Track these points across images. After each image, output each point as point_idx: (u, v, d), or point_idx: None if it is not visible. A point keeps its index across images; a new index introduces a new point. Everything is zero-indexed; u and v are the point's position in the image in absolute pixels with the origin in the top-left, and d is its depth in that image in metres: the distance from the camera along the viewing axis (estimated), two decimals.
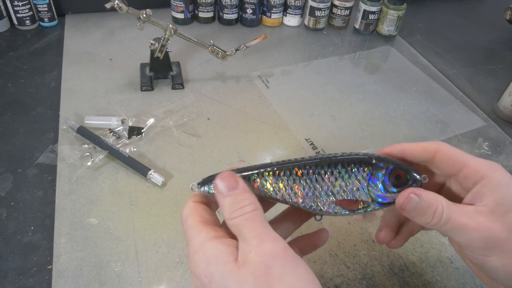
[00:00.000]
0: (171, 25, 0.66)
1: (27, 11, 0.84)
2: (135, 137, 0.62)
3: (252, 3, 0.90)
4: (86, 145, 0.60)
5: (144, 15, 0.63)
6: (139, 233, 0.50)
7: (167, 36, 0.67)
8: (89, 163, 0.57)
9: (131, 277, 0.46)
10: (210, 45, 0.70)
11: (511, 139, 0.70)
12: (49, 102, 0.69)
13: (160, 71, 0.73)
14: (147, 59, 0.72)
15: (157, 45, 0.68)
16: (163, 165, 0.59)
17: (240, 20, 0.95)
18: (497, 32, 1.04)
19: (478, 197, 0.32)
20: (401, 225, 0.40)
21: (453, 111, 0.75)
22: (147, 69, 0.74)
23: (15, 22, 0.85)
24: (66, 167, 0.57)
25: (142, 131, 0.63)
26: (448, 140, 0.68)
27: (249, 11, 0.91)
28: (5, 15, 0.85)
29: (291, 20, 0.95)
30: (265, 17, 0.94)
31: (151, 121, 0.64)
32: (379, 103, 0.75)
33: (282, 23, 0.97)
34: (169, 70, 0.74)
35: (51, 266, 0.46)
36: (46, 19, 0.87)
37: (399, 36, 0.97)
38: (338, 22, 0.96)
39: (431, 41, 0.97)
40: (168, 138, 0.63)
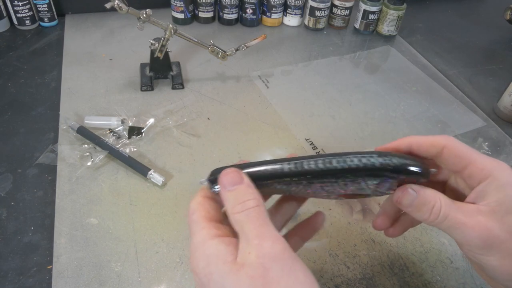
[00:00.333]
0: (171, 25, 0.66)
1: (27, 11, 0.84)
2: (135, 137, 0.62)
3: (252, 3, 0.90)
4: (86, 145, 0.60)
5: (144, 15, 0.63)
6: (139, 233, 0.50)
7: (167, 36, 0.67)
8: (89, 163, 0.57)
9: (131, 277, 0.46)
10: (210, 45, 0.70)
11: (511, 139, 0.70)
12: (49, 102, 0.69)
13: (160, 71, 0.73)
14: (147, 59, 0.72)
15: (157, 45, 0.68)
16: (163, 165, 0.59)
17: (240, 20, 0.95)
18: (497, 32, 1.04)
19: (481, 195, 0.32)
20: (401, 214, 0.40)
21: (453, 111, 0.75)
22: (147, 69, 0.74)
23: (15, 22, 0.85)
24: (66, 167, 0.57)
25: (142, 131, 0.63)
26: None
27: (249, 11, 0.91)
28: (5, 15, 0.85)
29: (291, 20, 0.95)
30: (265, 17, 0.94)
31: (151, 121, 0.64)
32: (379, 103, 0.75)
33: (282, 23, 0.97)
34: (169, 70, 0.74)
35: (51, 266, 0.46)
36: (46, 19, 0.87)
37: (399, 36, 0.97)
38: (338, 22, 0.96)
39: (431, 41, 0.97)
40: (168, 138, 0.63)
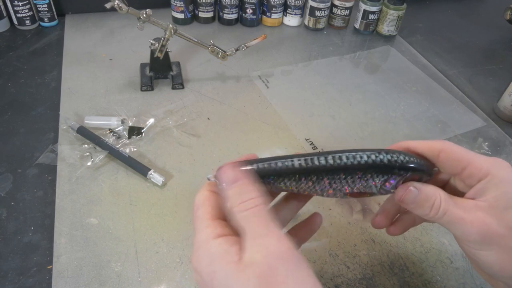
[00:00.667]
0: (171, 25, 0.66)
1: (27, 11, 0.84)
2: (135, 137, 0.62)
3: (252, 3, 0.90)
4: (86, 145, 0.60)
5: (144, 15, 0.63)
6: (139, 233, 0.50)
7: (167, 36, 0.67)
8: (89, 163, 0.57)
9: (131, 277, 0.46)
10: (210, 45, 0.70)
11: (511, 139, 0.70)
12: (49, 102, 0.69)
13: (160, 71, 0.73)
14: (147, 59, 0.72)
15: (157, 45, 0.68)
16: (163, 165, 0.59)
17: (240, 20, 0.95)
18: (497, 32, 1.04)
19: (480, 192, 0.32)
20: (401, 213, 0.40)
21: (453, 111, 0.75)
22: (147, 69, 0.74)
23: (15, 22, 0.85)
24: (66, 167, 0.57)
25: (142, 131, 0.63)
26: (448, 140, 0.68)
27: (249, 11, 0.91)
28: (5, 15, 0.85)
29: (291, 20, 0.95)
30: (265, 17, 0.94)
31: (151, 121, 0.64)
32: (379, 103, 0.75)
33: (282, 23, 0.97)
34: (169, 70, 0.74)
35: (51, 266, 0.46)
36: (46, 19, 0.87)
37: (399, 36, 0.97)
38: (338, 22, 0.96)
39: (431, 41, 0.97)
40: (168, 138, 0.63)
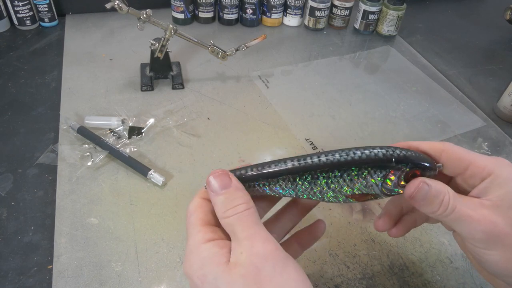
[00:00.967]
0: (171, 25, 0.66)
1: (27, 11, 0.84)
2: (135, 137, 0.62)
3: (252, 3, 0.90)
4: (87, 145, 0.60)
5: (144, 15, 0.63)
6: (139, 233, 0.50)
7: (167, 36, 0.67)
8: (89, 163, 0.57)
9: (131, 277, 0.46)
10: (210, 45, 0.70)
11: (511, 139, 0.70)
12: (49, 102, 0.69)
13: (160, 71, 0.73)
14: (147, 59, 0.72)
15: (157, 45, 0.68)
16: (163, 165, 0.59)
17: (240, 20, 0.95)
18: (497, 32, 1.04)
19: (484, 191, 0.32)
20: (403, 214, 0.40)
21: (453, 111, 0.75)
22: (147, 69, 0.74)
23: (16, 22, 0.85)
24: (66, 167, 0.57)
25: (142, 131, 0.63)
26: (448, 140, 0.68)
27: (249, 11, 0.92)
28: (5, 15, 0.85)
29: (291, 20, 0.95)
30: (265, 17, 0.94)
31: (151, 121, 0.64)
32: (379, 103, 0.75)
33: (282, 23, 0.97)
34: (169, 70, 0.74)
35: (51, 266, 0.46)
36: (46, 19, 0.87)
37: (399, 36, 0.97)
38: (338, 22, 0.96)
39: (431, 41, 0.97)
40: (168, 138, 0.63)
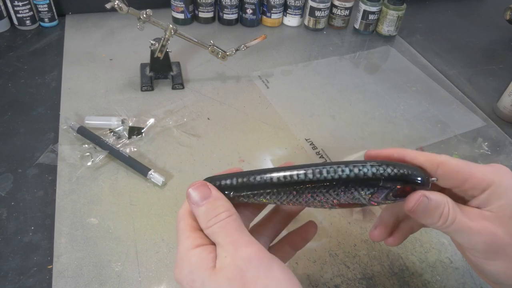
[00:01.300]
0: (171, 25, 0.66)
1: (27, 11, 0.84)
2: (135, 137, 0.62)
3: (252, 3, 0.90)
4: (86, 145, 0.60)
5: (144, 15, 0.63)
6: (139, 233, 0.50)
7: (167, 36, 0.67)
8: (89, 163, 0.57)
9: (131, 277, 0.46)
10: (210, 45, 0.70)
11: (511, 139, 0.70)
12: (49, 102, 0.69)
13: (160, 71, 0.73)
14: (147, 59, 0.72)
15: (157, 45, 0.68)
16: (163, 165, 0.59)
17: (240, 20, 0.95)
18: (497, 32, 1.04)
19: (485, 202, 0.32)
20: (399, 222, 0.39)
21: (453, 111, 0.75)
22: (147, 69, 0.74)
23: (16, 22, 0.85)
24: (66, 167, 0.57)
25: (142, 131, 0.63)
26: (448, 140, 0.68)
27: (249, 11, 0.92)
28: (5, 15, 0.85)
29: (291, 20, 0.95)
30: (265, 17, 0.94)
31: (151, 121, 0.64)
32: (379, 103, 0.75)
33: (282, 23, 0.97)
34: (169, 70, 0.74)
35: (51, 266, 0.46)
36: (46, 19, 0.87)
37: (399, 36, 0.97)
38: (338, 22, 0.96)
39: (431, 41, 0.97)
40: (168, 138, 0.63)
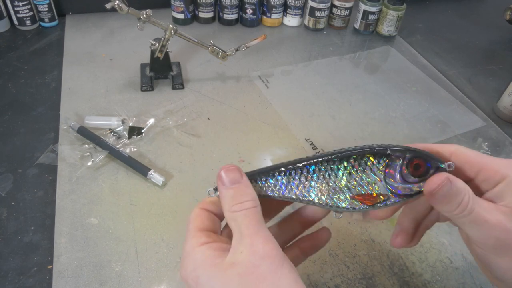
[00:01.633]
0: (171, 25, 0.66)
1: (27, 11, 0.84)
2: (135, 137, 0.62)
3: (252, 4, 0.90)
4: (87, 145, 0.60)
5: (144, 16, 0.63)
6: (139, 233, 0.50)
7: (167, 36, 0.67)
8: (89, 163, 0.57)
9: (131, 277, 0.46)
10: (210, 45, 0.70)
11: (511, 139, 0.70)
12: (49, 102, 0.69)
13: (160, 71, 0.73)
14: (147, 59, 0.72)
15: (157, 45, 0.68)
16: (163, 165, 0.59)
17: (240, 20, 0.95)
18: (497, 32, 1.04)
19: (499, 196, 0.31)
20: (418, 225, 0.38)
21: (453, 111, 0.75)
22: (147, 69, 0.74)
23: (16, 22, 0.85)
24: (66, 167, 0.57)
25: (142, 131, 0.63)
26: (448, 140, 0.68)
27: (249, 11, 0.92)
28: (5, 15, 0.85)
29: (291, 20, 0.95)
30: (265, 17, 0.94)
31: (151, 121, 0.64)
32: (379, 103, 0.75)
33: (282, 23, 0.97)
34: (169, 70, 0.74)
35: (51, 266, 0.46)
36: (46, 19, 0.87)
37: (399, 36, 0.97)
38: (338, 22, 0.96)
39: (431, 41, 0.97)
40: (168, 138, 0.63)
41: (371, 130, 0.69)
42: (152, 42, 0.68)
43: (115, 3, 0.61)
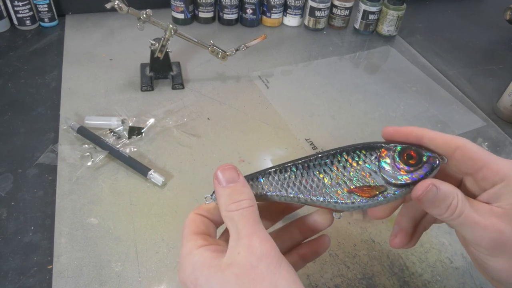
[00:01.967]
0: (171, 25, 0.66)
1: (27, 11, 0.84)
2: (135, 137, 0.62)
3: (252, 3, 0.90)
4: (86, 145, 0.60)
5: (144, 15, 0.63)
6: (139, 233, 0.50)
7: (167, 36, 0.67)
8: (89, 163, 0.57)
9: (131, 277, 0.46)
10: (210, 45, 0.70)
11: (511, 139, 0.70)
12: (49, 102, 0.69)
13: (160, 71, 0.73)
14: (147, 59, 0.72)
15: (157, 45, 0.68)
16: (163, 165, 0.59)
17: (240, 20, 0.95)
18: (497, 32, 1.04)
19: (495, 197, 0.31)
20: (417, 225, 0.38)
21: (453, 111, 0.75)
22: (147, 69, 0.74)
23: (16, 22, 0.85)
24: (66, 167, 0.57)
25: (142, 131, 0.63)
26: None
27: (249, 11, 0.92)
28: (5, 15, 0.85)
29: (291, 20, 0.95)
30: (265, 17, 0.94)
31: (151, 121, 0.64)
32: (379, 103, 0.75)
33: (282, 23, 0.97)
34: (169, 70, 0.74)
35: (51, 266, 0.46)
36: (46, 19, 0.87)
37: (399, 36, 0.97)
38: (338, 22, 0.96)
39: (431, 41, 0.97)
40: (168, 138, 0.63)
41: (371, 130, 0.69)
42: (152, 42, 0.68)
43: (115, 3, 0.61)
